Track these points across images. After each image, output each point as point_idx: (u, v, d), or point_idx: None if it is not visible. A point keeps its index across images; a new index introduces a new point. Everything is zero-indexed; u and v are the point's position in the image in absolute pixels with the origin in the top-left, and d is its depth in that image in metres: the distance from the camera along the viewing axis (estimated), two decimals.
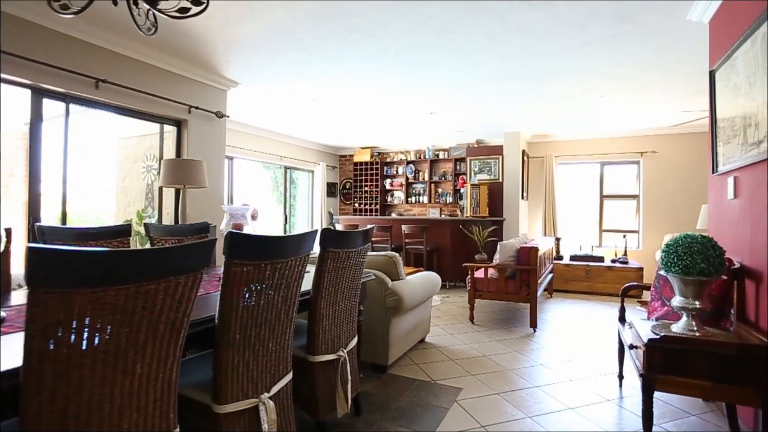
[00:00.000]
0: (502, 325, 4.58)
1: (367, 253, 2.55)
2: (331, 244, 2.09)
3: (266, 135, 7.68)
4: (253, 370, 1.69)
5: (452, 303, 5.67)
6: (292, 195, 9.15)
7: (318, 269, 2.09)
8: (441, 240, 6.96)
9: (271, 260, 1.62)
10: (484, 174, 7.66)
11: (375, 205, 9.31)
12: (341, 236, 2.16)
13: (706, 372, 1.84)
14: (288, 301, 1.81)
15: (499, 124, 6.88)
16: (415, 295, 3.30)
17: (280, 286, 1.72)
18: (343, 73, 4.47)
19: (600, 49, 3.77)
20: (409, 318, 3.41)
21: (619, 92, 5.04)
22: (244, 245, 1.54)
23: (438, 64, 4.15)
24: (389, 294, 3.07)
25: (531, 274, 4.31)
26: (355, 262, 2.35)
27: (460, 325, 4.56)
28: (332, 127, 7.37)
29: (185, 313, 1.27)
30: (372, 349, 3.16)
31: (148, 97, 3.89)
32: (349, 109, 6.06)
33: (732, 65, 2.40)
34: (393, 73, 4.45)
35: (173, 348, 1.27)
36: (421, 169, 9.09)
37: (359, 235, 2.33)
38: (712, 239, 1.99)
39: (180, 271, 1.20)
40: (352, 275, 2.36)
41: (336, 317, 2.26)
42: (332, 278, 2.17)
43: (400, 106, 5.83)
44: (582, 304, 5.78)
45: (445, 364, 3.39)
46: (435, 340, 4.01)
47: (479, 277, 4.60)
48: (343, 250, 2.17)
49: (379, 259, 3.24)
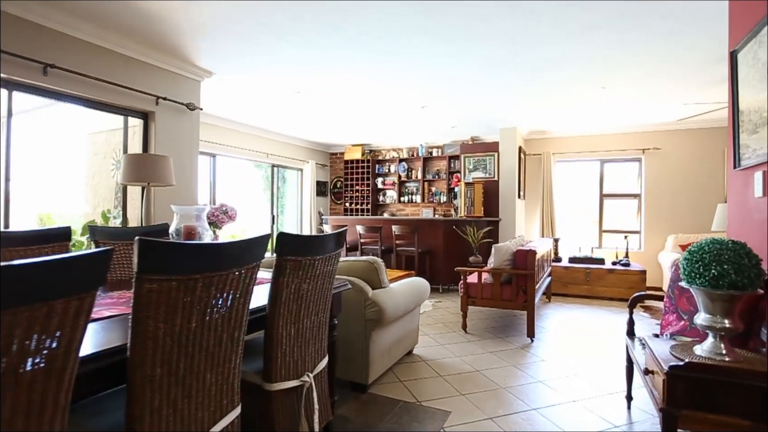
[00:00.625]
0: (497, 334, 4.25)
1: (339, 259, 2.21)
2: (290, 251, 1.75)
3: (251, 131, 7.32)
4: (184, 409, 1.34)
5: (445, 309, 5.34)
6: (280, 194, 8.80)
7: (274, 282, 1.75)
8: (433, 241, 6.62)
9: (204, 273, 1.29)
10: (479, 172, 7.33)
11: (366, 205, 8.97)
12: (304, 241, 1.82)
13: (743, 408, 1.51)
14: (233, 322, 1.47)
15: (494, 119, 6.56)
16: (400, 305, 2.96)
17: (217, 305, 1.38)
18: (324, 62, 4.13)
19: (604, 33, 3.44)
20: (393, 330, 3.08)
21: (622, 83, 4.71)
22: (163, 255, 1.19)
23: (425, 49, 3.81)
24: (369, 305, 2.73)
25: (528, 279, 3.98)
26: (323, 270, 2.01)
27: (452, 334, 4.22)
28: (320, 123, 7.02)
29: None
30: (350, 367, 2.82)
31: (108, 86, 3.54)
32: (336, 102, 5.72)
33: (759, 42, 2.08)
34: (378, 61, 4.11)
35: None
36: (414, 168, 8.75)
37: (329, 239, 1.99)
38: (745, 245, 1.66)
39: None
40: (321, 286, 2.02)
41: (300, 336, 1.92)
42: (294, 291, 1.83)
43: (389, 99, 5.49)
44: (582, 309, 5.46)
45: (433, 381, 3.05)
46: (424, 351, 3.67)
47: (472, 283, 4.27)
48: (305, 258, 1.83)
49: (359, 265, 2.90)
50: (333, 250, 2.05)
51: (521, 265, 4.01)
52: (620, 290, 5.93)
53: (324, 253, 1.96)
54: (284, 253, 1.74)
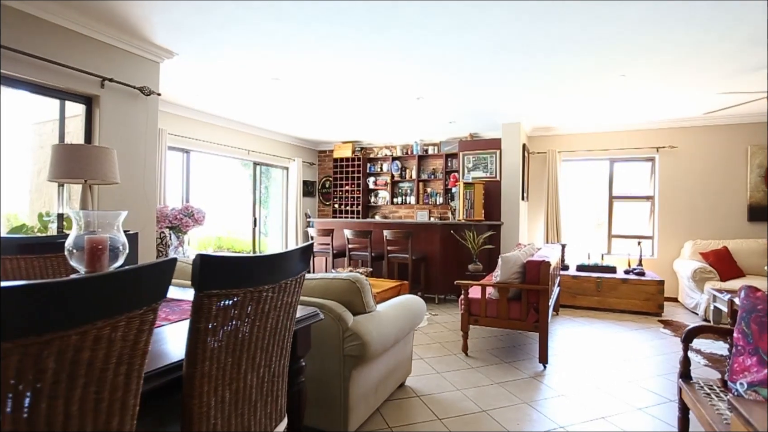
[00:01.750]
0: (503, 357, 3.66)
1: (303, 283, 1.62)
2: (219, 281, 1.15)
3: (229, 125, 6.69)
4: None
5: (442, 324, 4.75)
6: (263, 195, 8.17)
7: (193, 330, 1.14)
8: (429, 247, 6.04)
9: (55, 333, 0.70)
10: (479, 171, 6.75)
11: (357, 206, 8.37)
12: (241, 266, 1.22)
13: None
14: (104, 397, 0.87)
15: (496, 113, 5.98)
16: (389, 335, 2.37)
17: (78, 375, 0.78)
18: (303, 40, 3.53)
19: (631, 6, 2.87)
20: (380, 365, 2.48)
21: (644, 71, 4.15)
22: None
23: (422, 22, 3.21)
24: (350, 337, 2.13)
25: (541, 295, 3.39)
26: (279, 303, 1.41)
27: (450, 358, 3.63)
28: (306, 116, 6.41)
29: None
30: (325, 414, 2.22)
31: (34, 62, 2.91)
32: (321, 92, 5.11)
33: None
34: (368, 39, 3.52)
35: None
36: (408, 167, 8.16)
37: (287, 259, 1.40)
38: None
39: None
40: (275, 325, 1.42)
41: (242, 400, 1.31)
42: (228, 338, 1.23)
43: (381, 87, 4.90)
44: (594, 324, 4.89)
45: (430, 426, 2.45)
46: (418, 383, 3.08)
47: (475, 298, 3.68)
48: (246, 290, 1.23)
49: (337, 285, 2.29)
50: (294, 273, 1.46)
51: (533, 279, 3.43)
52: (635, 302, 5.37)
53: (279, 278, 1.36)
54: (208, 285, 1.14)
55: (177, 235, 4.36)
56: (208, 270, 1.13)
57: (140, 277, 0.88)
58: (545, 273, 3.37)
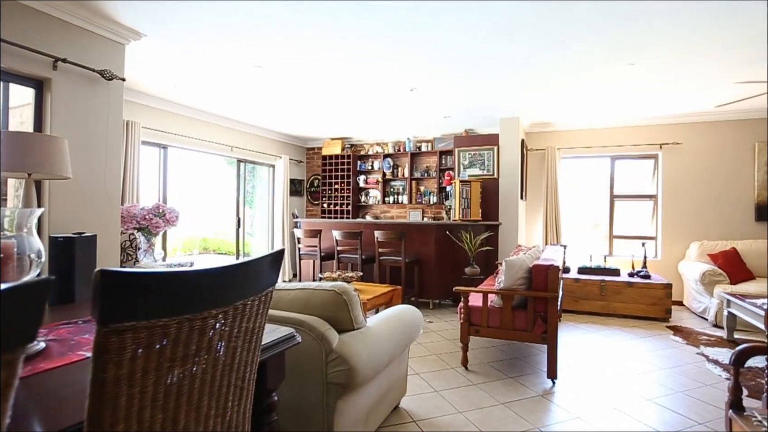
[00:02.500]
0: (506, 371, 3.33)
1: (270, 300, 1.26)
2: (137, 309, 0.79)
3: (210, 119, 6.28)
4: None
5: (438, 333, 4.40)
6: (249, 194, 7.78)
7: (95, 381, 0.78)
8: (423, 249, 5.70)
9: None
10: (475, 168, 6.42)
11: (347, 206, 8.00)
12: (179, 284, 0.86)
13: None
14: None
15: (492, 107, 5.66)
16: (381, 356, 2.01)
17: None
18: (283, 18, 3.16)
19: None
20: (371, 389, 2.12)
21: (653, 60, 3.86)
22: None
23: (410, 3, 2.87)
24: (334, 361, 1.77)
25: (550, 303, 3.07)
26: (240, 330, 1.05)
27: (449, 372, 3.29)
28: (293, 110, 6.03)
29: None
30: None
31: None
32: (307, 83, 4.75)
33: None
34: (354, 18, 3.17)
35: None
36: (401, 164, 7.82)
37: (250, 271, 1.05)
38: None
39: None
40: (230, 361, 1.06)
41: None
42: (158, 387, 0.87)
43: (372, 76, 4.54)
44: (600, 331, 4.58)
45: None
46: (414, 404, 2.73)
47: (476, 306, 3.34)
48: (181, 319, 0.87)
49: (319, 297, 1.93)
50: (258, 289, 1.10)
51: (540, 285, 3.10)
52: (641, 306, 5.08)
53: (233, 299, 1.01)
54: (118, 314, 0.77)
55: (147, 237, 3.96)
56: (117, 292, 0.76)
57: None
58: (554, 279, 3.04)
